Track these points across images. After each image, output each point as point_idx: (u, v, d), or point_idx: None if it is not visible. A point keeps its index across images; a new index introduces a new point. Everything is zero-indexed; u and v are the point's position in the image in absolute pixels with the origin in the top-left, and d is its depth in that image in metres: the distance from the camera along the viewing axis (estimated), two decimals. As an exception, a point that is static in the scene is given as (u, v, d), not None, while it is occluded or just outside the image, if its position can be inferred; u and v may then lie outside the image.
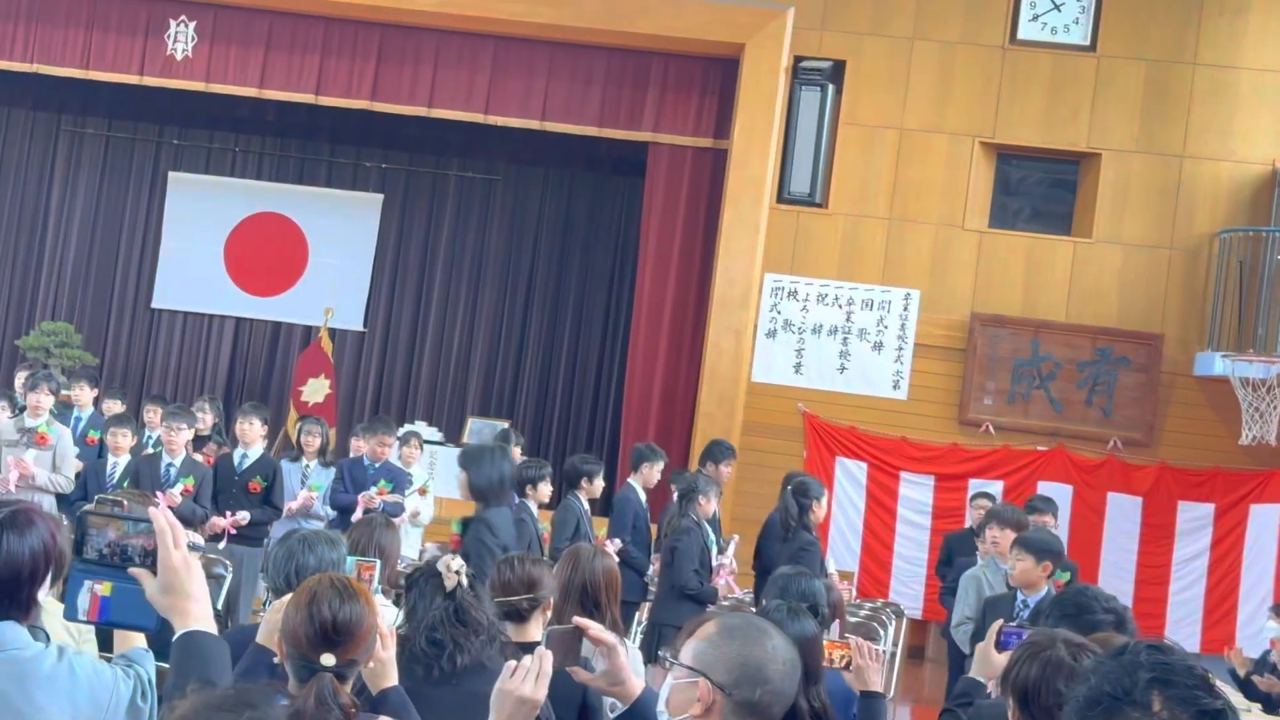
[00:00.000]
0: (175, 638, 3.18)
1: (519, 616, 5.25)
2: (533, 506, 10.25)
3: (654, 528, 11.98)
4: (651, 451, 11.83)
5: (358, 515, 10.79)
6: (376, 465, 11.98)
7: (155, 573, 3.13)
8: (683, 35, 15.90)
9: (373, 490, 11.66)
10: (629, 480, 11.71)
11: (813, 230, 15.98)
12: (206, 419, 13.37)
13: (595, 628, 3.68)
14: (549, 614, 5.39)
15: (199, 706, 2.60)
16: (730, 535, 11.84)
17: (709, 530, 10.95)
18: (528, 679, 3.36)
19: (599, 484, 11.16)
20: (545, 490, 10.40)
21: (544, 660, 3.40)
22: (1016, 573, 8.18)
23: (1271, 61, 15.45)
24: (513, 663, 3.39)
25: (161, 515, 3.16)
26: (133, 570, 3.13)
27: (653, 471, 11.69)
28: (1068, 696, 2.57)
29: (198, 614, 3.18)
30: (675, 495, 10.82)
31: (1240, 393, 13.86)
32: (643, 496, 11.58)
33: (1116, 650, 2.51)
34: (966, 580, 9.60)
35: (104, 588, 3.13)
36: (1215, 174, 15.67)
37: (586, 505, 11.01)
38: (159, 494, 10.06)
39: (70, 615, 3.15)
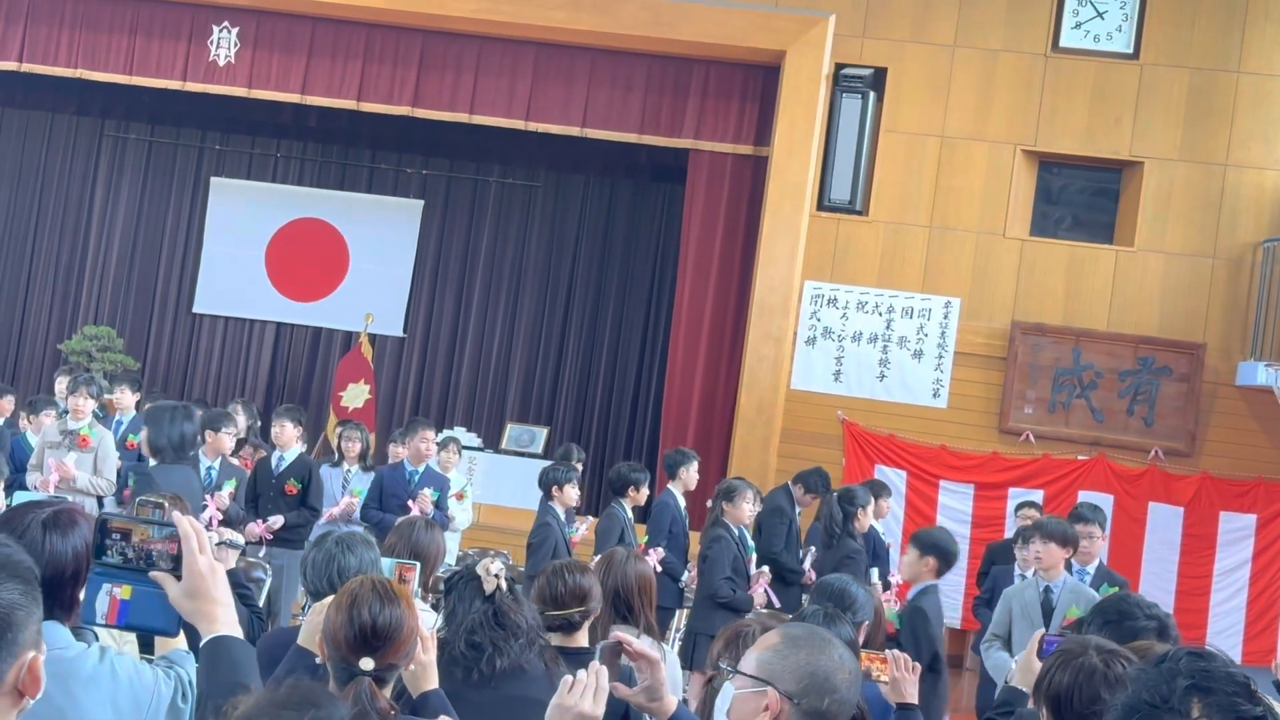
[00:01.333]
0: (203, 643, 3.19)
1: (570, 626, 5.26)
2: (558, 508, 10.26)
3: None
4: (684, 455, 11.81)
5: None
6: (420, 472, 11.97)
7: (179, 577, 3.13)
8: (723, 42, 15.89)
9: (429, 493, 11.57)
10: (668, 486, 11.69)
11: (853, 238, 15.95)
12: (240, 422, 13.43)
13: (636, 643, 3.68)
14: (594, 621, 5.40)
15: (264, 705, 2.62)
16: (809, 547, 11.80)
17: (756, 535, 10.94)
18: (586, 694, 3.36)
19: (645, 492, 11.15)
20: (571, 493, 10.42)
21: (600, 675, 3.40)
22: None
23: (1316, 70, 15.37)
24: (569, 677, 3.39)
25: (186, 520, 3.17)
26: (154, 574, 3.13)
27: (689, 474, 11.67)
28: (1099, 705, 2.56)
29: (224, 618, 3.19)
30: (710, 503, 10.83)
31: (1283, 403, 13.79)
32: (682, 502, 11.57)
33: (1157, 658, 2.50)
34: (1004, 596, 9.57)
35: (124, 591, 3.13)
36: (1259, 183, 15.58)
37: (630, 513, 11.01)
38: (208, 497, 10.10)
39: (88, 618, 3.15)
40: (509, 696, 4.53)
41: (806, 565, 11.18)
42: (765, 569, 10.75)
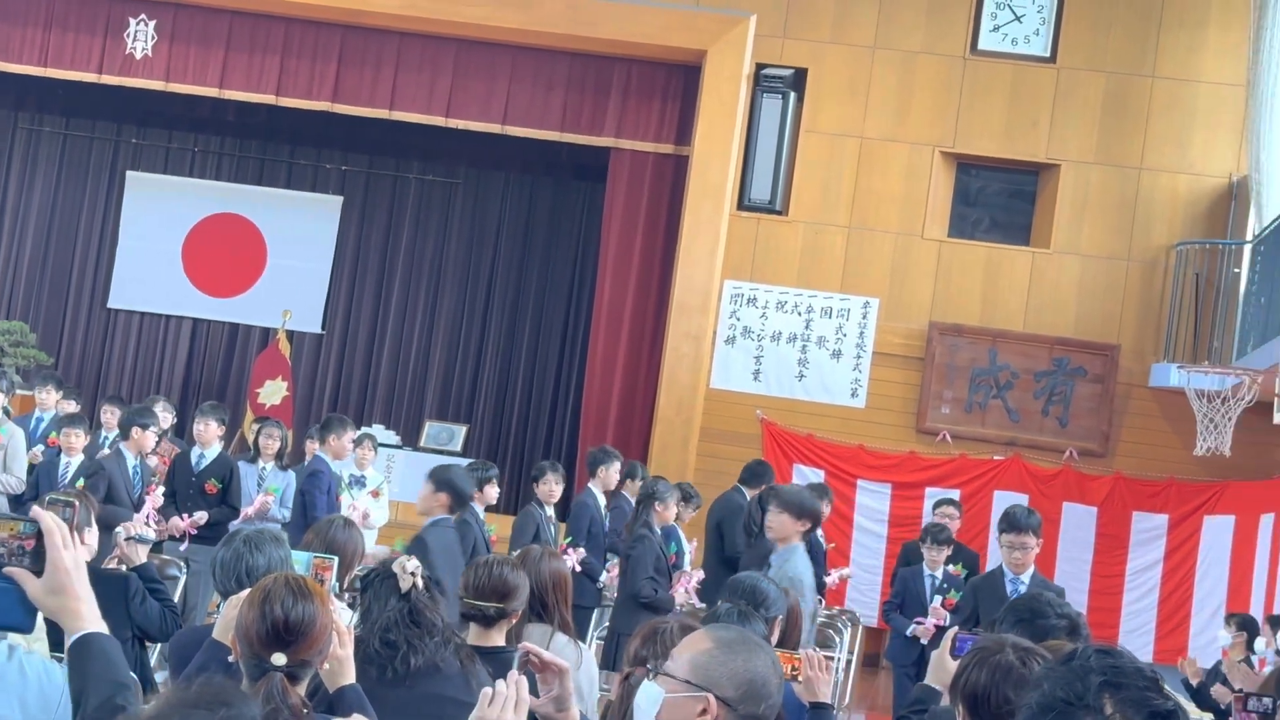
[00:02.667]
0: (71, 641, 3.13)
1: (485, 621, 5.23)
2: (478, 509, 10.24)
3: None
4: (606, 454, 11.81)
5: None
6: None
7: (38, 573, 3.07)
8: (645, 41, 15.91)
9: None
10: (589, 485, 11.67)
11: (773, 237, 16.01)
12: (163, 418, 13.30)
13: (544, 653, 3.65)
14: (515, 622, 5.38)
15: (175, 703, 2.58)
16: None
17: (682, 537, 10.95)
18: (507, 706, 3.29)
19: (548, 488, 11.08)
20: (491, 493, 10.40)
21: (521, 686, 3.34)
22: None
23: (1229, 75, 15.54)
24: (489, 690, 3.33)
25: (49, 515, 3.11)
26: (10, 570, 3.07)
27: (610, 473, 11.66)
28: (1019, 704, 2.58)
29: (89, 615, 3.13)
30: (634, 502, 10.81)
31: (1195, 404, 13.93)
32: (602, 501, 11.55)
33: (1066, 656, 2.52)
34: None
35: None
36: (1173, 186, 15.77)
37: (549, 512, 10.97)
38: (146, 493, 10.10)
39: None
40: (424, 694, 4.52)
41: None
42: (689, 570, 10.74)
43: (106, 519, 8.36)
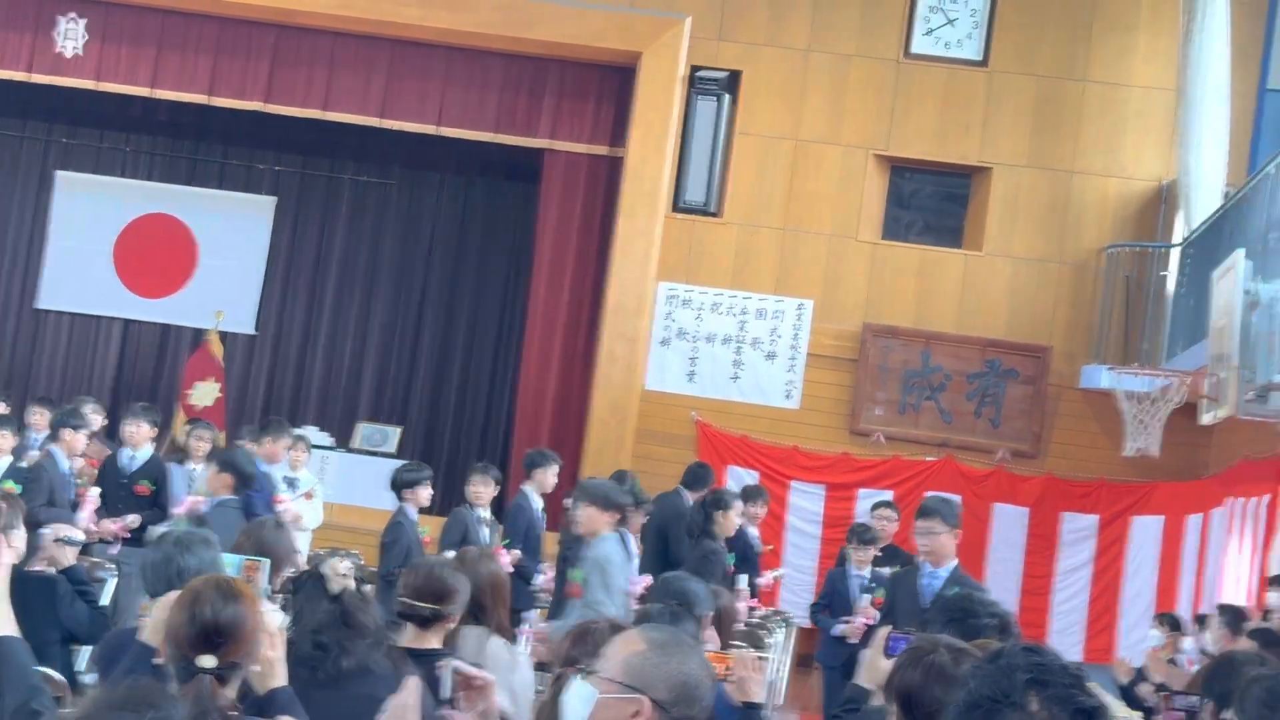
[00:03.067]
0: None
1: (422, 622, 5.20)
2: (411, 509, 10.20)
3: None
4: (544, 456, 11.75)
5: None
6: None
7: None
8: (580, 43, 15.91)
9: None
10: (523, 487, 11.62)
11: (707, 239, 16.04)
12: (93, 420, 13.17)
13: (466, 669, 3.63)
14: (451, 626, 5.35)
15: (101, 705, 2.56)
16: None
17: (631, 541, 10.91)
18: None
19: (475, 489, 10.99)
20: (424, 494, 10.35)
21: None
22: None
23: (1159, 79, 15.69)
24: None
25: None
26: None
27: (547, 476, 11.61)
28: (947, 703, 2.59)
29: (1, 619, 3.11)
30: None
31: (1124, 405, 14.05)
32: (538, 503, 11.49)
33: (993, 654, 2.54)
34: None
35: None
36: (1103, 190, 15.90)
37: (481, 514, 10.92)
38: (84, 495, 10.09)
39: None
40: (355, 696, 4.49)
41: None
42: (641, 577, 10.71)
43: (49, 521, 8.27)
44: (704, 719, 3.19)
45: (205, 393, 17.51)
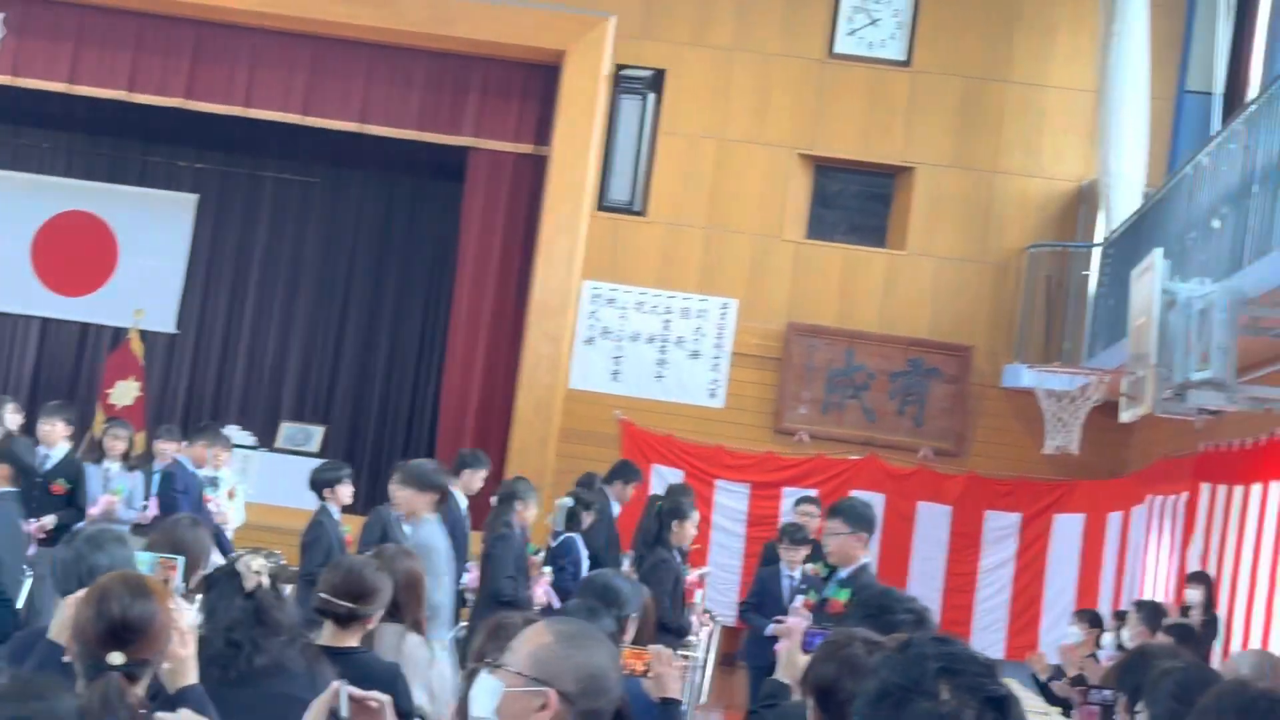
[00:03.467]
0: None
1: (340, 620, 5.16)
2: (333, 508, 10.12)
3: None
4: (475, 458, 11.69)
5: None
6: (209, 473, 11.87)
7: None
8: (504, 40, 15.87)
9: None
10: (448, 487, 11.52)
11: (632, 238, 16.04)
12: (10, 419, 13.00)
13: (357, 692, 3.60)
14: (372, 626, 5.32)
15: None
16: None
17: (585, 540, 10.92)
18: None
19: (345, 490, 10.88)
20: (345, 492, 10.27)
21: None
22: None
23: (1079, 81, 15.82)
24: None
25: None
26: None
27: (474, 478, 11.55)
28: (857, 692, 2.58)
29: None
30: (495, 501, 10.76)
31: (1045, 403, 14.17)
32: (463, 503, 11.43)
33: (903, 644, 2.54)
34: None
35: None
36: (1025, 190, 16.02)
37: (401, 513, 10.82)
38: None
39: None
40: (268, 694, 4.45)
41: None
42: (548, 569, 10.69)
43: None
44: (611, 710, 3.16)
45: (125, 392, 17.34)
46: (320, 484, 10.24)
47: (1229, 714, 3.80)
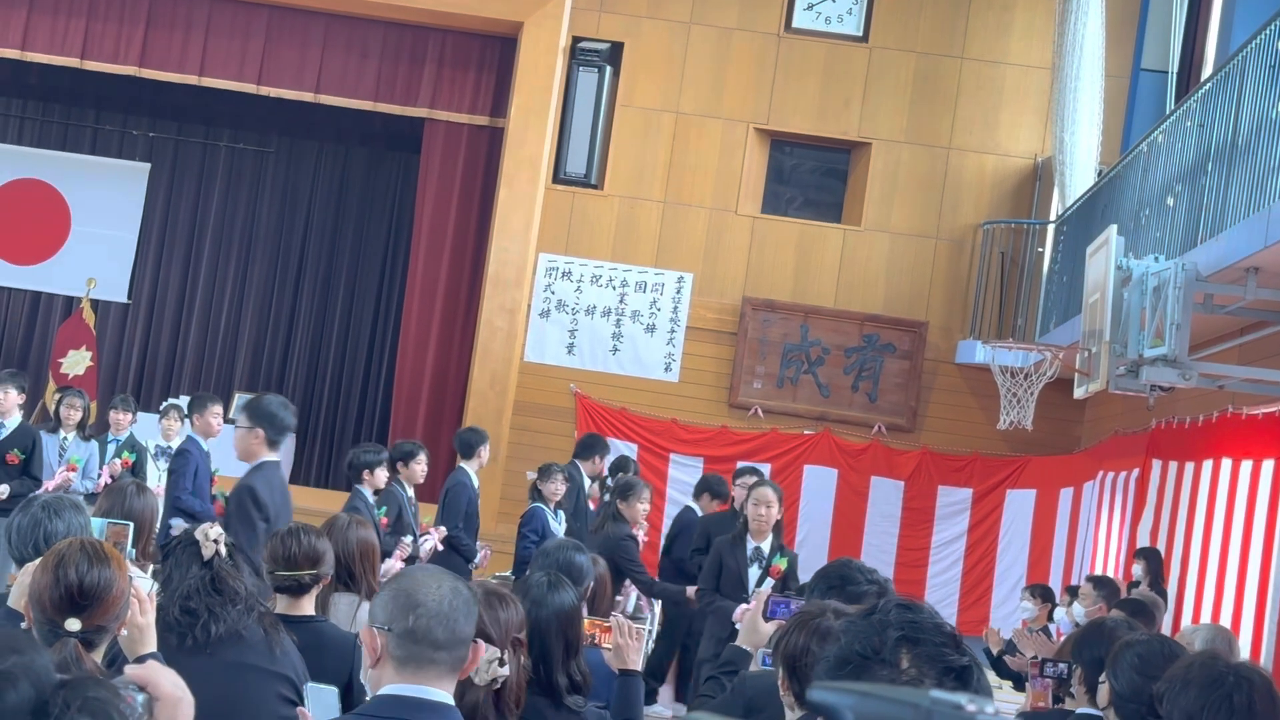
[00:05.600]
0: None
1: (299, 589, 5.16)
2: (367, 493, 9.85)
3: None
4: (477, 434, 11.55)
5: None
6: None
7: None
8: (461, 11, 15.79)
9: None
10: (462, 465, 11.37)
11: (588, 211, 16.02)
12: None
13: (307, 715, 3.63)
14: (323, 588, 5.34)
15: None
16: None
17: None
18: None
19: (418, 468, 10.74)
20: (381, 476, 10.00)
21: None
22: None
23: (1034, 58, 15.88)
24: None
25: None
26: None
27: (484, 453, 11.50)
28: (820, 656, 2.59)
29: None
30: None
31: (999, 379, 14.23)
32: (476, 482, 11.33)
33: (867, 610, 2.55)
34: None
35: None
36: (980, 166, 16.07)
37: (411, 491, 10.68)
38: None
39: None
40: (226, 663, 4.44)
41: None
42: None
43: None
44: (428, 626, 3.26)
45: (77, 361, 17.22)
46: (359, 466, 9.95)
47: (1198, 686, 3.83)
